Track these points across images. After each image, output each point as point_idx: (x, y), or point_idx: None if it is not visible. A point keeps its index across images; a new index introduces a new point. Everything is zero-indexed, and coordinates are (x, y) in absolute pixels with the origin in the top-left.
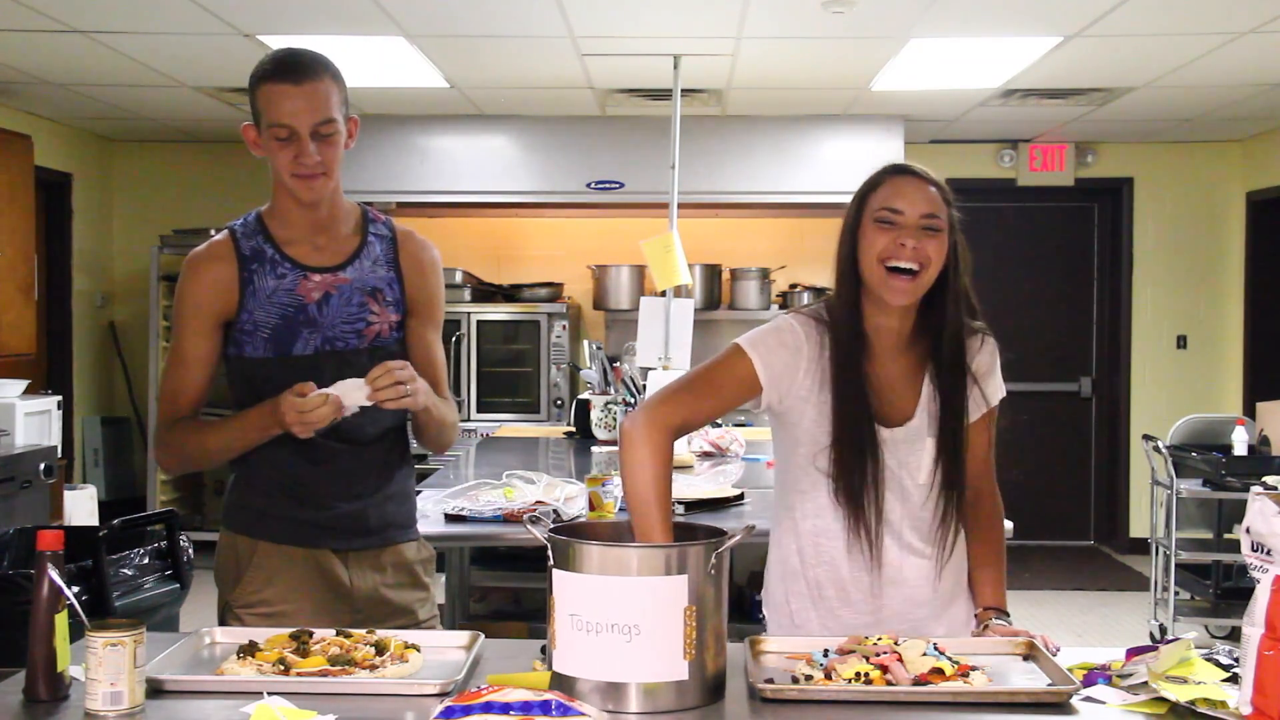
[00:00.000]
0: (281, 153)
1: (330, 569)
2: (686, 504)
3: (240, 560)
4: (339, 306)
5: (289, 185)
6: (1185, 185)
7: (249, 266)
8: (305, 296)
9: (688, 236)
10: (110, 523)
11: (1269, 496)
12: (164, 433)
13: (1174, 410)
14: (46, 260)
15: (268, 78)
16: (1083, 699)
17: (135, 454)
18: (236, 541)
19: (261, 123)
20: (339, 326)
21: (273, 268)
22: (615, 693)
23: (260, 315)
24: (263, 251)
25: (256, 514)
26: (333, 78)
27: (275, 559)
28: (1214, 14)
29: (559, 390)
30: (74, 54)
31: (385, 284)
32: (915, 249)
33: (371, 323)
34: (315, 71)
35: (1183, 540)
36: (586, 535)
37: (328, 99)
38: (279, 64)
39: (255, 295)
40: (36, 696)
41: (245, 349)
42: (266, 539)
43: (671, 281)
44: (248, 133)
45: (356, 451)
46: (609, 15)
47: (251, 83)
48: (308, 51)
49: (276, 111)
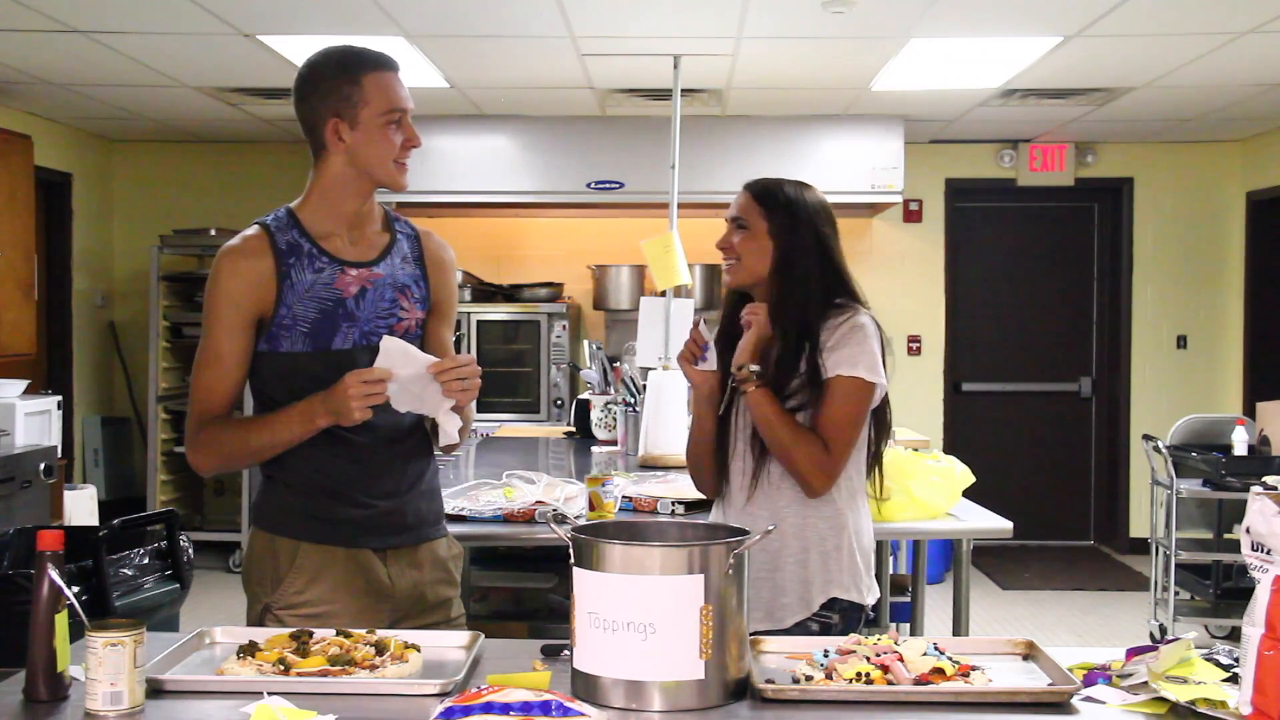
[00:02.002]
0: (393, 137)
1: (371, 568)
2: (687, 504)
3: (280, 561)
4: (374, 301)
5: (387, 174)
6: (1185, 185)
7: (286, 261)
8: (343, 291)
9: (688, 236)
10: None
11: (1269, 496)
12: (199, 433)
13: (1174, 410)
14: (46, 260)
15: (376, 66)
16: (1083, 699)
17: (135, 454)
18: (275, 543)
19: (364, 113)
20: (374, 321)
21: (310, 261)
22: (636, 691)
23: (299, 310)
24: (299, 245)
25: (297, 514)
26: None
27: (317, 559)
28: (1214, 14)
29: (559, 390)
30: (74, 54)
31: (413, 281)
32: (724, 247)
33: (402, 319)
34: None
35: (1183, 540)
36: (608, 535)
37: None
38: (376, 55)
39: (294, 289)
40: (36, 696)
41: (281, 344)
42: (309, 539)
43: (671, 281)
44: (337, 129)
45: (391, 448)
46: (609, 15)
47: (346, 73)
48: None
49: (393, 96)
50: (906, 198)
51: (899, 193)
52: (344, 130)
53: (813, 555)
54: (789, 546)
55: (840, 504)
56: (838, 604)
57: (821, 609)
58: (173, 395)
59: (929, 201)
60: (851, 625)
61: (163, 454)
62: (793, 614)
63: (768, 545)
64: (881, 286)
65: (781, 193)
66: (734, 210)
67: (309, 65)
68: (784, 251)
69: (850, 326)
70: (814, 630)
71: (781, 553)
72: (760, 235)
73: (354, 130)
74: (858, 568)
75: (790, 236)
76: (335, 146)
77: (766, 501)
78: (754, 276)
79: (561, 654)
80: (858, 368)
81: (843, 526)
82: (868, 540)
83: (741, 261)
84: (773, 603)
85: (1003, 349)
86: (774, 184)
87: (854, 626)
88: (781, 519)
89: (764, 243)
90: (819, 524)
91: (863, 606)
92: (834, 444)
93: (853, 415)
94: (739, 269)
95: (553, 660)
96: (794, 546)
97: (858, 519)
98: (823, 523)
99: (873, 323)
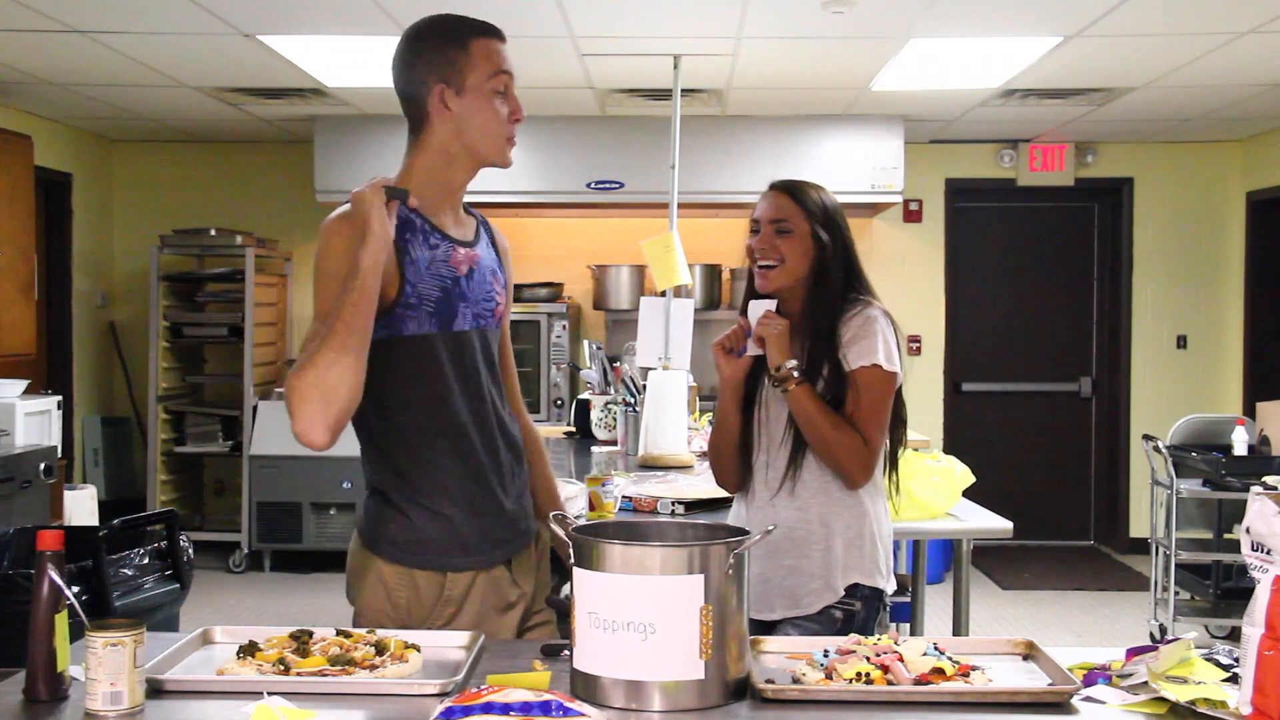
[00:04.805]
0: (502, 106)
1: (501, 582)
2: (687, 504)
3: (423, 597)
4: (480, 283)
5: (496, 148)
6: (1185, 185)
7: (403, 235)
8: (458, 269)
9: (688, 236)
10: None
11: (1269, 496)
12: (292, 393)
13: (1174, 410)
14: (46, 260)
15: (482, 32)
16: (1083, 699)
17: (135, 454)
18: (415, 577)
19: (471, 78)
20: (481, 304)
21: (424, 238)
22: (636, 691)
23: (423, 288)
24: (411, 220)
25: (437, 545)
26: None
27: (460, 587)
28: (1214, 14)
29: (559, 390)
30: (74, 54)
31: (498, 266)
32: (763, 249)
33: (498, 303)
34: None
35: (1183, 540)
36: (608, 535)
37: None
38: (483, 22)
39: (414, 265)
40: (36, 696)
41: (407, 326)
42: (453, 569)
43: (671, 281)
44: (442, 96)
45: (508, 444)
46: (609, 15)
47: (453, 38)
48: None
49: (500, 60)
50: (906, 198)
51: (899, 193)
52: (449, 97)
53: (837, 543)
54: (815, 535)
55: (863, 494)
56: (860, 590)
57: (845, 595)
58: (173, 395)
59: (929, 201)
60: (871, 612)
61: (163, 454)
62: (819, 599)
63: (793, 534)
64: (881, 286)
65: (815, 194)
66: (772, 212)
67: (413, 32)
68: (821, 252)
69: (864, 319)
70: (837, 617)
71: (808, 541)
72: (804, 236)
73: (460, 97)
74: (878, 555)
75: (827, 236)
76: (441, 116)
77: (793, 497)
78: (794, 278)
79: (561, 654)
80: (876, 356)
81: (865, 515)
82: (887, 529)
83: (785, 263)
84: (798, 589)
85: (1003, 349)
86: (805, 185)
87: (874, 613)
88: (810, 511)
89: (806, 244)
90: (844, 513)
91: (882, 592)
92: (869, 434)
93: (880, 404)
94: (781, 271)
95: (553, 660)
96: (820, 534)
97: (878, 508)
98: (847, 512)
99: (885, 315)
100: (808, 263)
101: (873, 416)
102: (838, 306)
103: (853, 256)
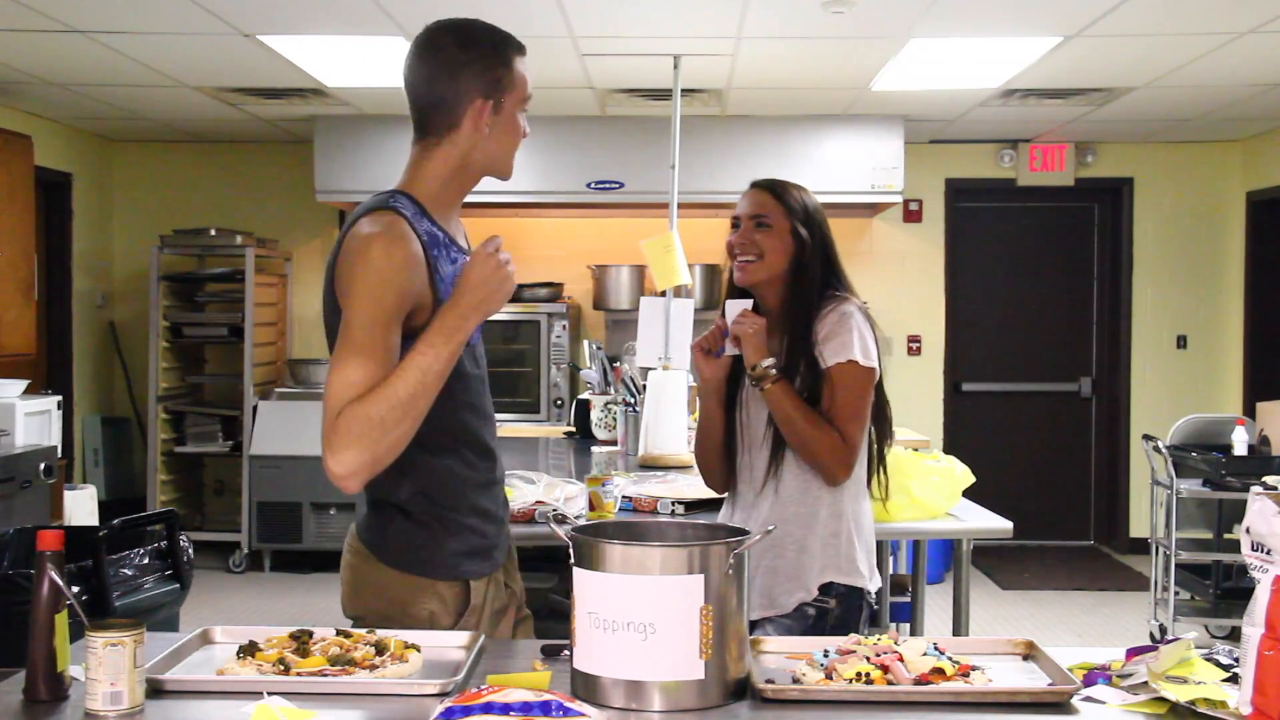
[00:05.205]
0: (521, 123)
1: (500, 585)
2: (687, 504)
3: (449, 608)
4: None
5: (508, 165)
6: (1185, 185)
7: (430, 251)
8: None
9: (688, 236)
10: (110, 523)
11: (1269, 496)
12: (337, 421)
13: (1174, 410)
14: (46, 260)
15: (520, 50)
16: (1083, 699)
17: (135, 454)
18: (440, 589)
19: (508, 100)
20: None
21: (446, 252)
22: (636, 691)
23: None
24: (436, 235)
25: (459, 556)
26: None
27: (480, 594)
28: (1214, 14)
29: (559, 390)
30: (74, 54)
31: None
32: (743, 244)
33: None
34: None
35: (1183, 540)
36: (608, 535)
37: None
38: (516, 38)
39: (444, 283)
40: (36, 696)
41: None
42: (474, 577)
43: (671, 281)
44: (481, 110)
45: (496, 447)
46: (609, 15)
47: (500, 56)
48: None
49: (527, 83)
50: (906, 198)
51: (899, 193)
52: (488, 114)
53: (812, 541)
54: (791, 535)
55: (843, 493)
56: (834, 588)
57: (819, 593)
58: (173, 395)
59: (929, 201)
60: (851, 610)
61: (163, 454)
62: (793, 597)
63: (771, 534)
64: (881, 286)
65: (795, 192)
66: (752, 208)
67: (460, 38)
68: (800, 248)
69: (839, 315)
70: (810, 614)
71: (783, 541)
72: (783, 232)
73: (496, 115)
74: (855, 553)
75: (806, 233)
76: (475, 128)
77: (777, 496)
78: (772, 273)
79: (561, 654)
80: (852, 352)
81: (841, 514)
82: (867, 527)
83: (764, 258)
84: (774, 588)
85: (1003, 349)
86: (785, 184)
87: (854, 612)
88: (788, 510)
89: (786, 240)
90: (820, 512)
91: (862, 591)
92: (847, 431)
93: (856, 400)
94: (760, 266)
95: (553, 660)
96: (796, 534)
97: (857, 507)
98: (824, 510)
99: (861, 311)
100: (786, 259)
101: (850, 413)
102: (815, 303)
103: (832, 255)
